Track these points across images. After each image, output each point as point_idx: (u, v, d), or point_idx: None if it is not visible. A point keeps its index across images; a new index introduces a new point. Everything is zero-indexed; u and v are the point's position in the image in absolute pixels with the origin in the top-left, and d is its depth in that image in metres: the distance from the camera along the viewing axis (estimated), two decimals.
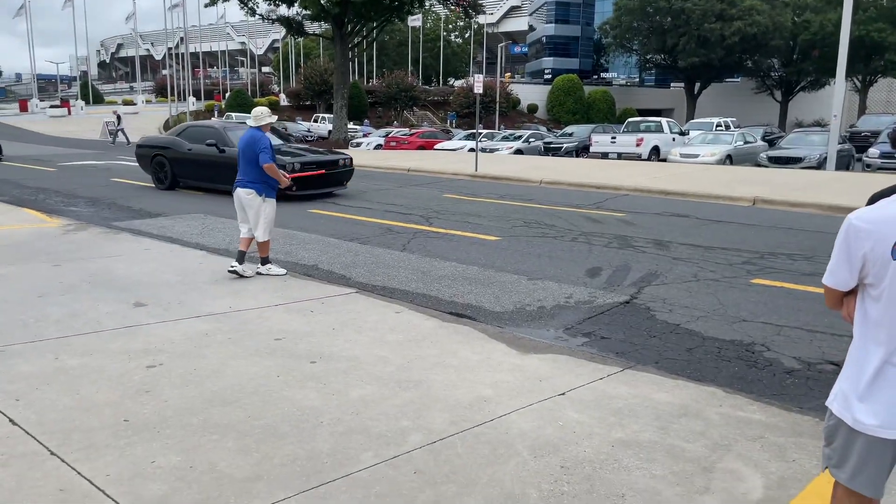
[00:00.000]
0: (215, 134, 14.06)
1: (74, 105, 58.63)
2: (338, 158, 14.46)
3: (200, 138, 14.23)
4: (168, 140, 15.42)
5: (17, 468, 3.16)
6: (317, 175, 13.56)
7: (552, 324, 5.96)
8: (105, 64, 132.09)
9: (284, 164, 12.04)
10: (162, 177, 15.06)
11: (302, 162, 13.37)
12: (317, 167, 13.62)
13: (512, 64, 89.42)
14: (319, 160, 13.92)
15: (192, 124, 16.54)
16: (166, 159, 14.82)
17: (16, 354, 4.63)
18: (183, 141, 14.67)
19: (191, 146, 14.34)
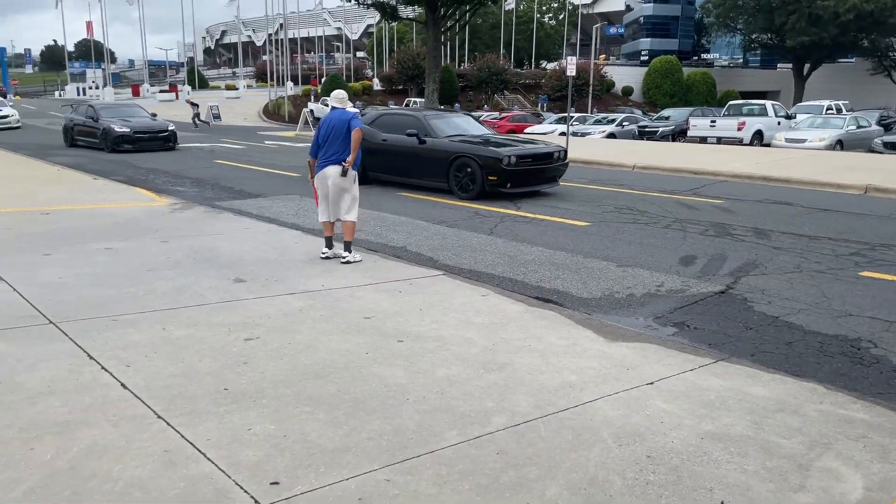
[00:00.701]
0: (416, 123, 12.65)
1: (182, 90, 61.68)
2: (553, 150, 12.27)
3: (397, 127, 12.86)
4: None
5: (127, 429, 3.40)
6: (534, 170, 11.81)
7: (641, 312, 5.83)
8: (210, 50, 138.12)
9: (500, 157, 11.21)
10: None
11: (518, 154, 11.49)
12: (532, 161, 11.78)
13: (607, 45, 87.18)
14: (535, 152, 11.98)
15: (387, 112, 15.00)
16: None
17: (127, 324, 4.96)
18: (375, 130, 13.09)
19: (385, 136, 12.94)
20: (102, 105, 23.83)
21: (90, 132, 21.20)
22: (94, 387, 3.88)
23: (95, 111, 21.56)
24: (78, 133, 21.84)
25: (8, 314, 5.08)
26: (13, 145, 21.75)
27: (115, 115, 21.36)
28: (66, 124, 22.62)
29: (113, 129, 20.25)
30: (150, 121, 21.77)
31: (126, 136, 20.20)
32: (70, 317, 5.06)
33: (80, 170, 15.17)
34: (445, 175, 11.93)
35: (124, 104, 26.06)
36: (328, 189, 7.06)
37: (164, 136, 21.00)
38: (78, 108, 23.39)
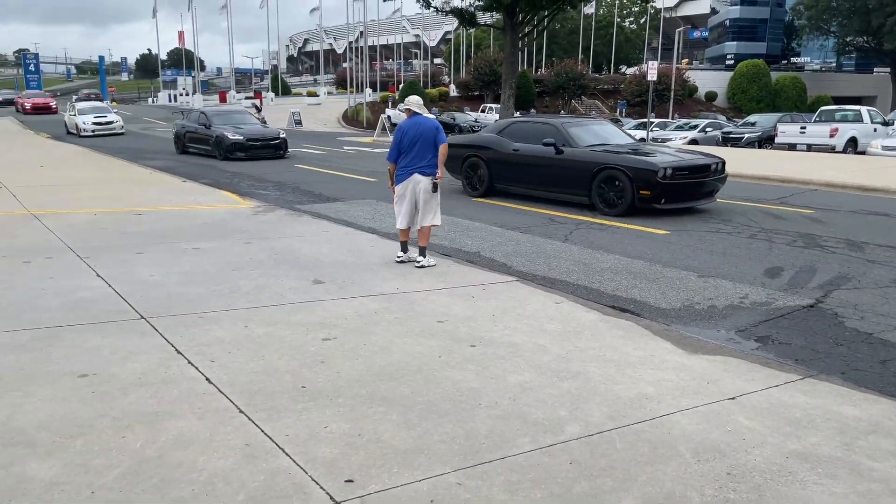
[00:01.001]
0: (552, 131, 11.67)
1: (266, 96, 63.87)
2: (711, 162, 11.03)
3: (532, 136, 11.94)
4: (487, 139, 12.92)
5: (211, 422, 3.54)
6: (691, 183, 10.64)
7: (723, 324, 5.64)
8: (293, 58, 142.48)
9: (656, 169, 10.14)
10: (475, 181, 12.80)
11: (675, 166, 10.35)
12: (690, 173, 10.58)
13: (690, 49, 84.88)
14: (693, 163, 10.78)
15: (519, 119, 14.39)
16: (483, 161, 12.57)
17: (212, 320, 5.17)
18: (506, 140, 12.35)
19: (517, 146, 12.07)
20: (214, 111, 23.51)
21: (202, 139, 21.01)
22: (181, 380, 4.06)
23: (208, 118, 21.35)
24: (189, 140, 21.74)
25: (104, 309, 5.38)
26: (113, 149, 23.01)
27: (226, 122, 21.08)
28: (178, 131, 22.57)
29: (226, 136, 19.89)
30: (261, 128, 21.67)
31: (239, 144, 19.81)
32: (160, 313, 5.31)
33: (170, 173, 15.91)
34: (587, 188, 10.90)
35: (235, 110, 25.84)
36: (415, 196, 7.04)
37: (276, 144, 20.55)
38: (189, 114, 23.33)
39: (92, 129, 28.91)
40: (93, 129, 28.92)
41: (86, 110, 30.53)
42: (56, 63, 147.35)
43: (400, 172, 7.10)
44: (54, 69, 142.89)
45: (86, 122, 29.09)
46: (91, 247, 7.56)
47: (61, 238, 7.99)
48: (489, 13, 39.46)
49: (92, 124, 29.09)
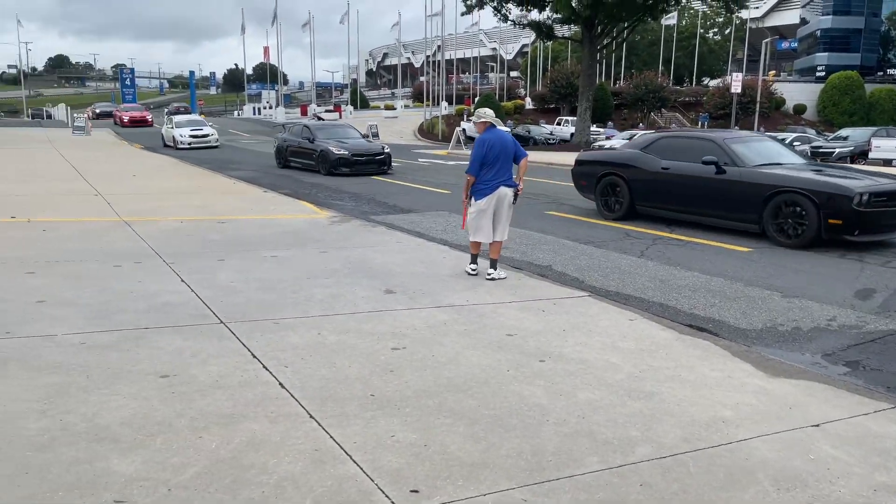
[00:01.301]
0: (712, 148, 10.36)
1: (345, 109, 65.46)
2: None
3: (684, 153, 10.71)
4: (629, 155, 11.61)
5: (282, 426, 3.62)
6: (891, 212, 9.07)
7: (809, 347, 5.37)
8: (371, 72, 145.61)
9: (852, 195, 8.74)
10: (613, 203, 11.56)
11: (873, 191, 8.89)
12: (888, 199, 9.03)
13: (777, 61, 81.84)
14: (893, 188, 9.19)
15: (668, 134, 12.99)
16: (624, 180, 11.30)
17: (287, 327, 5.31)
18: (652, 157, 11.05)
19: (667, 164, 10.80)
20: (318, 125, 22.88)
21: (305, 153, 20.39)
22: (255, 384, 4.17)
23: (311, 132, 20.76)
24: (292, 154, 21.18)
25: (186, 313, 5.60)
26: (200, 160, 24.03)
27: (330, 137, 20.42)
28: (279, 145, 22.03)
29: (331, 151, 19.21)
30: (365, 143, 20.77)
31: (344, 159, 19.06)
32: (238, 318, 5.49)
33: (253, 183, 16.49)
34: (757, 214, 9.55)
35: (337, 124, 24.77)
36: (502, 209, 6.97)
37: (381, 160, 19.79)
38: (291, 128, 22.86)
39: (188, 141, 29.53)
40: (189, 141, 29.54)
41: (183, 123, 31.38)
42: (150, 77, 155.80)
43: (483, 186, 6.92)
44: (148, 83, 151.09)
45: (183, 134, 29.83)
46: (176, 253, 7.91)
47: (149, 244, 8.39)
48: (567, 26, 39.27)
49: (189, 137, 29.77)
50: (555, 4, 32.74)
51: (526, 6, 35.72)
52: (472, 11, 36.93)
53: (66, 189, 13.93)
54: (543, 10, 35.67)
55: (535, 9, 35.72)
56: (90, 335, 4.96)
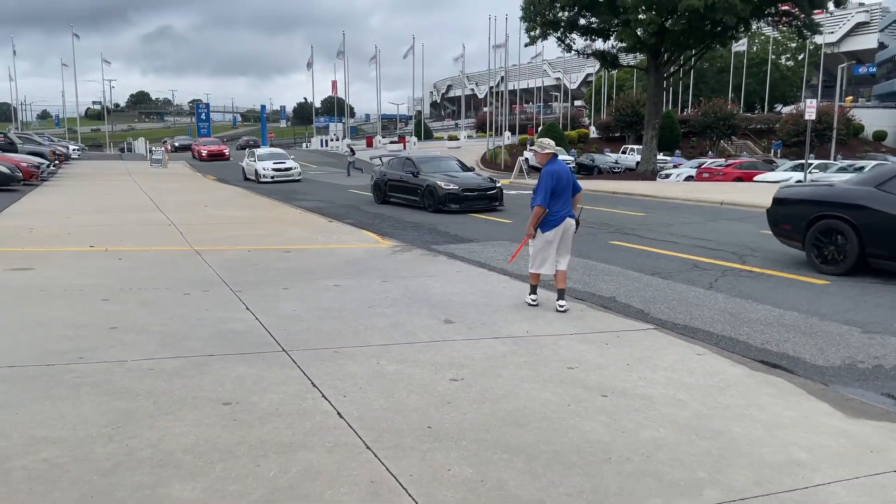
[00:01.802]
0: None
1: (409, 140, 66.48)
2: None
3: None
4: (856, 194, 9.19)
5: (339, 456, 3.61)
6: None
7: (891, 387, 5.04)
8: (436, 104, 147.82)
9: None
10: (832, 253, 9.18)
11: None
12: None
13: (855, 86, 78.91)
14: None
15: None
16: (850, 225, 8.94)
17: (347, 356, 5.33)
18: (890, 195, 8.74)
19: None
20: (421, 158, 21.09)
21: (409, 189, 18.79)
22: (314, 413, 4.19)
23: (415, 165, 19.24)
24: (392, 189, 19.71)
25: (250, 340, 5.71)
26: (267, 191, 24.76)
27: (436, 170, 18.90)
28: (378, 180, 20.50)
29: (439, 186, 17.56)
30: (475, 177, 19.23)
31: (453, 195, 17.45)
32: (299, 346, 5.56)
33: (318, 213, 16.85)
34: None
35: (440, 157, 22.61)
36: (566, 239, 6.94)
37: (492, 195, 18.07)
38: (392, 161, 21.51)
39: (272, 175, 29.27)
40: (272, 175, 29.27)
41: (265, 156, 31.26)
42: (224, 112, 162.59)
43: (552, 217, 6.85)
44: (222, 117, 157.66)
45: (266, 168, 29.57)
46: (243, 281, 8.11)
47: (218, 273, 8.64)
48: (632, 54, 38.97)
49: (272, 170, 29.51)
50: (619, 34, 32.60)
51: (590, 36, 35.66)
52: (536, 42, 37.09)
53: (143, 219, 14.56)
54: (608, 40, 35.55)
55: (599, 38, 35.62)
56: (158, 361, 5.10)
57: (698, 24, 30.57)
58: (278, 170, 29.75)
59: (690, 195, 21.61)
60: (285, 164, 30.27)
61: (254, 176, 30.00)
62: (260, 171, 29.47)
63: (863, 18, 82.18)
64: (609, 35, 34.72)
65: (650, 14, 30.60)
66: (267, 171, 29.48)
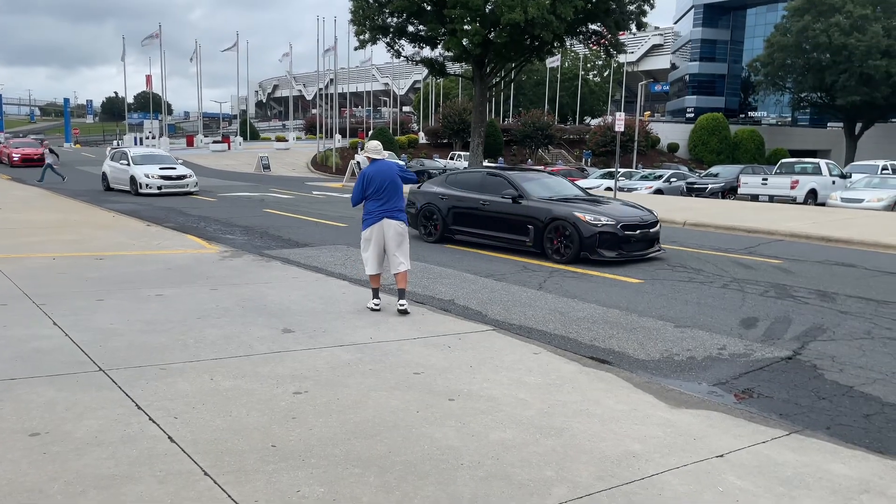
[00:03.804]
0: None
1: (234, 141, 63.60)
2: None
3: None
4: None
5: (172, 486, 3.27)
6: None
7: (704, 377, 5.54)
8: (262, 103, 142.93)
9: None
10: None
11: None
12: None
13: (652, 102, 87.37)
14: None
15: None
16: None
17: (176, 373, 4.90)
18: None
19: None
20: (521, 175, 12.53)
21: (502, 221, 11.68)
22: (141, 438, 3.78)
23: (513, 183, 11.82)
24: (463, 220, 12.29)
25: (59, 360, 5.07)
26: (74, 192, 22.37)
27: (549, 193, 11.83)
28: (428, 205, 12.79)
29: (581, 220, 10.62)
30: (631, 209, 11.57)
31: (609, 236, 10.58)
32: (119, 364, 5.02)
33: (133, 216, 15.54)
34: None
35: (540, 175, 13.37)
36: (393, 239, 7.00)
37: (655, 234, 11.26)
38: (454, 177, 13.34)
39: (159, 184, 22.25)
40: (160, 184, 22.28)
41: (144, 159, 23.58)
42: (20, 105, 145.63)
43: (366, 217, 7.10)
44: (17, 110, 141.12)
45: (150, 175, 22.25)
46: (48, 293, 7.22)
47: (16, 284, 7.63)
48: (459, 64, 40.20)
49: (159, 178, 22.33)
50: (446, 43, 33.43)
51: (419, 43, 36.25)
52: (365, 46, 37.04)
53: None
54: (436, 48, 36.34)
55: (427, 46, 36.31)
56: None
57: (519, 38, 32.18)
58: (168, 178, 22.54)
59: None
60: (176, 171, 23.13)
61: (126, 185, 22.82)
62: (140, 179, 22.16)
63: (658, 41, 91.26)
64: (437, 43, 35.50)
65: (475, 25, 31.73)
66: (152, 178, 22.23)
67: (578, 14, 31.18)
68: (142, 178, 22.17)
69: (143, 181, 22.11)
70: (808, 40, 51.93)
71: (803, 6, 51.96)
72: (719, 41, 74.97)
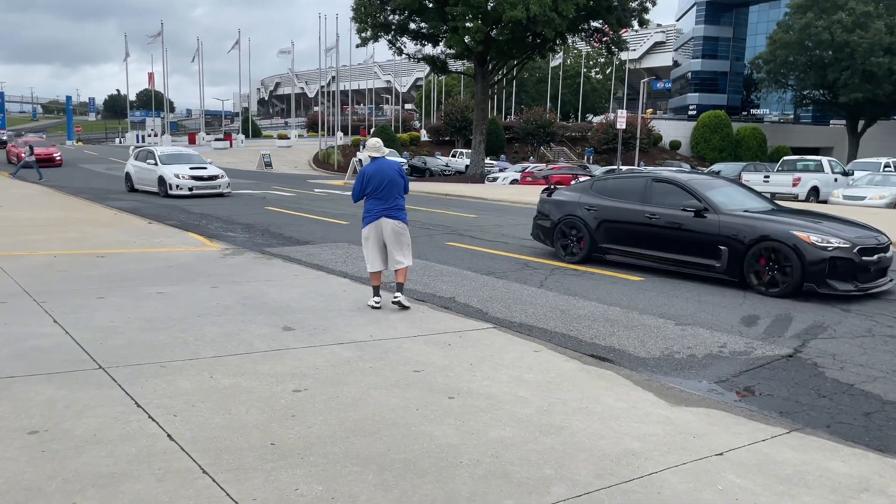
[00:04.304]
0: None
1: (236, 138, 63.66)
2: None
3: None
4: None
5: (171, 484, 3.27)
6: None
7: (704, 374, 5.53)
8: (264, 101, 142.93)
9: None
10: None
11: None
12: None
13: (654, 100, 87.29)
14: None
15: None
16: None
17: (176, 370, 4.90)
18: None
19: None
20: (696, 180, 10.22)
21: (677, 241, 9.45)
22: (140, 436, 3.78)
23: (695, 193, 9.52)
24: (619, 236, 10.18)
25: (60, 358, 5.07)
26: (74, 189, 22.42)
27: (737, 203, 9.57)
28: (567, 216, 10.74)
29: (803, 241, 8.29)
30: (865, 230, 9.02)
31: (845, 263, 8.26)
32: (119, 362, 5.02)
33: (135, 213, 15.55)
34: None
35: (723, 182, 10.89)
36: (391, 237, 7.03)
37: (890, 259, 8.87)
38: (600, 184, 11.16)
39: (189, 185, 20.61)
40: (191, 185, 20.64)
41: (172, 158, 22.09)
42: (22, 102, 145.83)
43: (365, 215, 7.15)
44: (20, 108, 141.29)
45: (180, 174, 20.68)
46: (48, 291, 7.23)
47: (17, 281, 7.64)
48: (461, 61, 40.19)
49: (190, 178, 20.70)
50: (448, 40, 33.42)
51: (421, 41, 36.25)
52: (367, 44, 37.04)
53: None
54: (438, 45, 36.36)
55: (429, 43, 36.32)
56: None
57: (521, 35, 32.17)
58: (199, 178, 20.86)
59: (517, 198, 22.63)
60: (207, 171, 21.43)
61: (153, 186, 21.26)
62: (170, 180, 20.55)
63: (660, 38, 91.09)
64: (439, 41, 35.52)
65: (477, 23, 31.71)
66: (182, 179, 20.62)
67: (580, 11, 31.16)
68: (171, 178, 20.60)
69: (172, 182, 20.54)
70: (810, 37, 51.78)
71: (806, 3, 51.82)
72: (722, 38, 74.82)
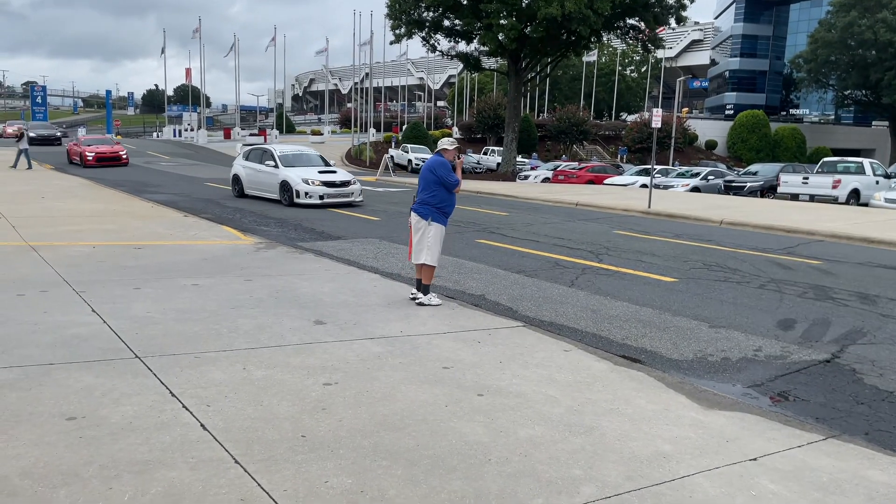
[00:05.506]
0: None
1: (270, 134, 64.31)
2: None
3: None
4: None
5: (204, 473, 3.33)
6: None
7: (738, 378, 5.44)
8: (298, 97, 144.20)
9: None
10: None
11: None
12: None
13: (690, 99, 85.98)
14: None
15: None
16: None
17: (209, 361, 4.97)
18: None
19: None
20: None
21: None
22: (174, 425, 3.85)
23: None
24: None
25: (97, 347, 5.18)
26: (114, 182, 22.89)
27: None
28: None
29: None
30: None
31: None
32: (155, 352, 5.11)
33: (171, 207, 15.81)
34: None
35: None
36: (417, 231, 7.24)
37: None
38: None
39: (321, 192, 17.21)
40: (322, 192, 17.22)
41: (296, 160, 18.67)
42: (63, 96, 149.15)
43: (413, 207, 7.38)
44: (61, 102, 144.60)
45: (310, 179, 17.25)
46: (87, 280, 7.39)
47: (57, 271, 7.83)
48: (494, 58, 40.04)
49: (321, 184, 17.28)
50: (482, 37, 33.30)
51: (454, 38, 36.17)
52: (401, 41, 37.10)
53: None
54: (471, 43, 36.25)
55: (462, 41, 36.23)
56: None
57: (555, 32, 31.90)
58: (331, 184, 17.47)
59: (548, 196, 22.49)
60: (339, 176, 18.08)
61: (271, 192, 18.07)
62: (297, 186, 17.17)
63: (697, 36, 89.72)
64: (472, 38, 35.39)
65: (511, 20, 31.54)
66: (312, 185, 17.22)
67: (616, 8, 30.78)
68: (299, 184, 17.16)
69: (301, 188, 17.12)
70: (853, 36, 50.50)
71: (849, 2, 50.57)
72: (761, 37, 73.35)
